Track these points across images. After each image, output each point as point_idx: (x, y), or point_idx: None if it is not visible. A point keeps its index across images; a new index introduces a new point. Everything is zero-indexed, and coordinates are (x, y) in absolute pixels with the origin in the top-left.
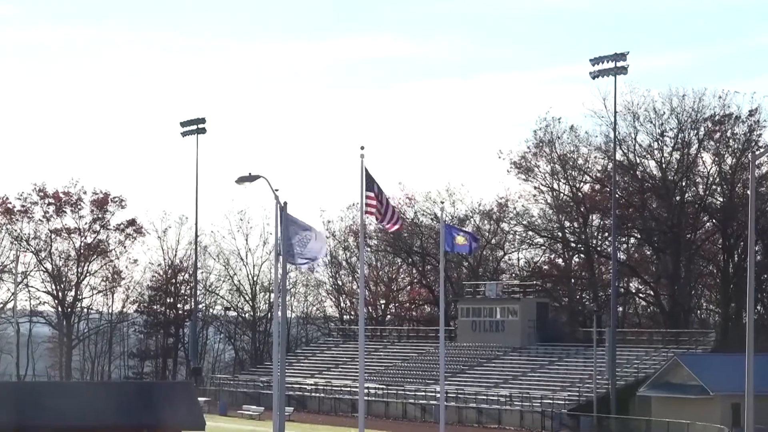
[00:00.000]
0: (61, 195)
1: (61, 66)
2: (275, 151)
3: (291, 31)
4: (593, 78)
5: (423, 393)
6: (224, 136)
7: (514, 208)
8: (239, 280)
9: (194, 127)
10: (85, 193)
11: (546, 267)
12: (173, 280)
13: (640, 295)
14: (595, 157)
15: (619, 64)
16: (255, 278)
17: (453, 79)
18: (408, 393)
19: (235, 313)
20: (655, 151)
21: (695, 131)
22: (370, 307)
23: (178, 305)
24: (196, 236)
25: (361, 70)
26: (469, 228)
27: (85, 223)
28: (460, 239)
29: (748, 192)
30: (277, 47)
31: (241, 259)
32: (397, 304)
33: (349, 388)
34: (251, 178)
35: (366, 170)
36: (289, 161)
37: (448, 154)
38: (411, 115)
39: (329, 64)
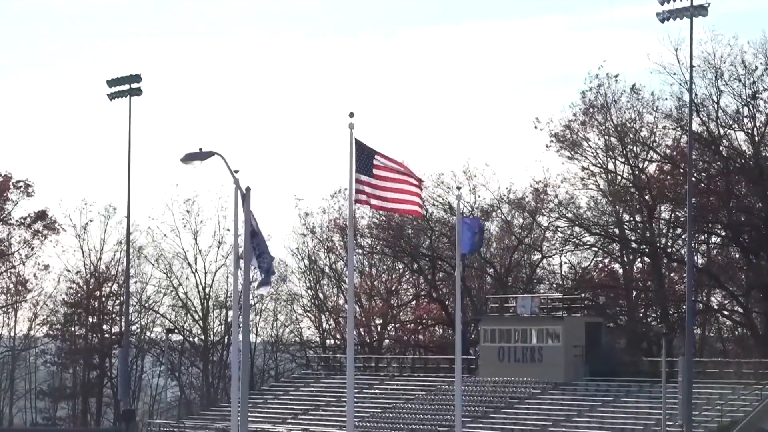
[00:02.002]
0: None
1: None
2: (234, 120)
3: None
4: (662, 21)
5: None
6: (166, 99)
7: (556, 196)
8: (186, 293)
9: (126, 86)
10: None
11: (598, 275)
12: (97, 293)
13: (725, 312)
14: (665, 128)
15: (697, 2)
16: (207, 290)
17: (474, 22)
18: None
19: (180, 338)
20: (745, 120)
21: None
22: (362, 329)
23: (104, 327)
24: (128, 234)
25: (351, 11)
26: (495, 224)
27: None
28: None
29: None
30: None
31: (189, 265)
32: (398, 325)
33: None
34: (203, 156)
35: (358, 142)
36: (253, 133)
37: (466, 125)
38: (417, 72)
39: (306, 3)
